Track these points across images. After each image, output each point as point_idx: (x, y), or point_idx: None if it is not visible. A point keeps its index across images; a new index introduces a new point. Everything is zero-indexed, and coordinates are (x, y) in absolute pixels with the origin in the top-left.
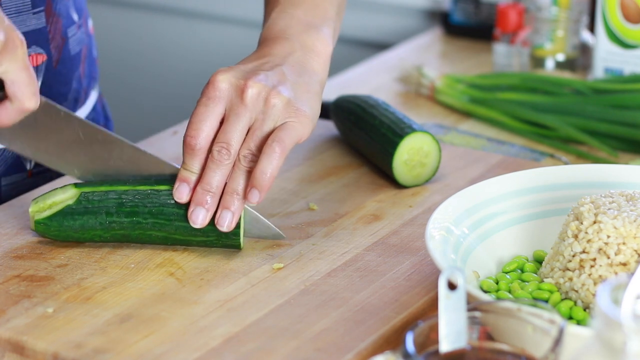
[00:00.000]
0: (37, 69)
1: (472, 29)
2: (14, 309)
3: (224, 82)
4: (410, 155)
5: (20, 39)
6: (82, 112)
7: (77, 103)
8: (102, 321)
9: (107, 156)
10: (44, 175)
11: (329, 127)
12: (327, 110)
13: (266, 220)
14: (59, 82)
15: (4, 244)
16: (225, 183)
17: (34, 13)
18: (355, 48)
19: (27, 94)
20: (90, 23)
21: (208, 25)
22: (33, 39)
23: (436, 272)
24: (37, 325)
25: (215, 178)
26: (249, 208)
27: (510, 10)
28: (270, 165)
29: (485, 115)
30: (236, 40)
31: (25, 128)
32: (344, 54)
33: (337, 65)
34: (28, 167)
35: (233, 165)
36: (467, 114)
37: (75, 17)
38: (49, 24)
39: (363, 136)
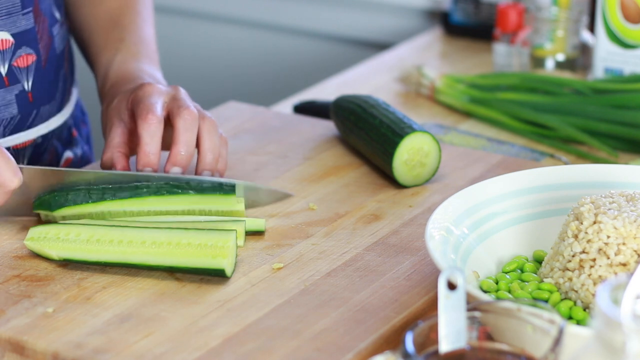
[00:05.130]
0: (27, 69)
1: (472, 29)
2: (14, 309)
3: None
4: (410, 155)
5: None
6: (68, 110)
7: (63, 102)
8: (102, 321)
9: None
10: None
11: (329, 127)
12: (327, 110)
13: (265, 186)
14: (47, 81)
15: (4, 244)
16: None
17: (24, 14)
18: (355, 48)
19: (7, 178)
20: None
21: (196, 22)
22: (23, 40)
23: (436, 272)
24: (37, 325)
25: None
26: (249, 183)
27: (510, 10)
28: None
29: (485, 115)
30: (222, 37)
31: (21, 196)
32: (344, 54)
33: (337, 65)
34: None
35: None
36: (467, 114)
37: (57, 15)
38: (37, 23)
39: (363, 136)
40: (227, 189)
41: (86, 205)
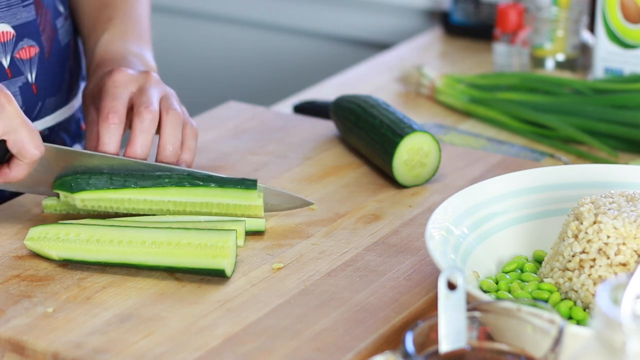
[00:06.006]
0: (30, 61)
1: (472, 29)
2: (14, 309)
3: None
4: (410, 155)
5: (5, 96)
6: (76, 103)
7: (70, 94)
8: (102, 321)
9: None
10: None
11: (329, 127)
12: (327, 110)
13: (288, 192)
14: (52, 73)
15: (4, 244)
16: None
17: (24, 6)
18: (355, 48)
19: (31, 148)
20: None
21: (196, 22)
22: (25, 31)
23: (436, 272)
24: (37, 325)
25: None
26: (269, 186)
27: (510, 10)
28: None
29: (485, 115)
30: (222, 37)
31: (43, 173)
32: (344, 54)
33: (337, 65)
34: None
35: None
36: (467, 114)
37: (61, 8)
38: (39, 15)
39: (363, 136)
40: (249, 184)
41: (107, 190)
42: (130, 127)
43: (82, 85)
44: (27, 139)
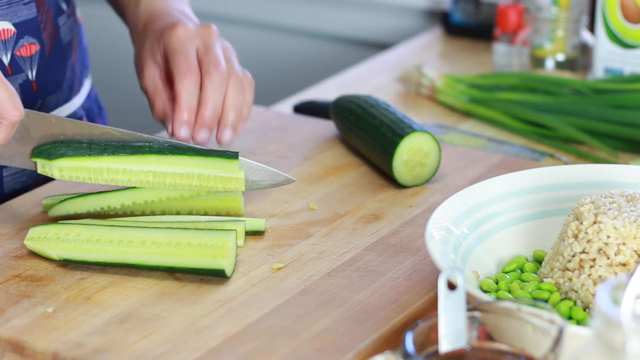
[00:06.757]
0: (31, 58)
1: (472, 29)
2: (14, 309)
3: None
4: (410, 155)
5: None
6: (78, 100)
7: (71, 91)
8: (102, 321)
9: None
10: None
11: (329, 127)
12: (327, 110)
13: (270, 168)
14: (53, 70)
15: (4, 244)
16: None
17: (25, 4)
18: (355, 48)
19: (10, 109)
20: (78, 12)
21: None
22: (25, 29)
23: (436, 272)
24: (37, 325)
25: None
26: (252, 161)
27: (510, 10)
28: None
29: (485, 115)
30: (228, 37)
31: (21, 143)
32: (344, 54)
33: (337, 65)
34: None
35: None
36: (467, 114)
37: (64, 6)
38: (40, 13)
39: (363, 136)
40: (230, 154)
41: (86, 158)
42: (201, 87)
43: (85, 82)
44: (6, 100)
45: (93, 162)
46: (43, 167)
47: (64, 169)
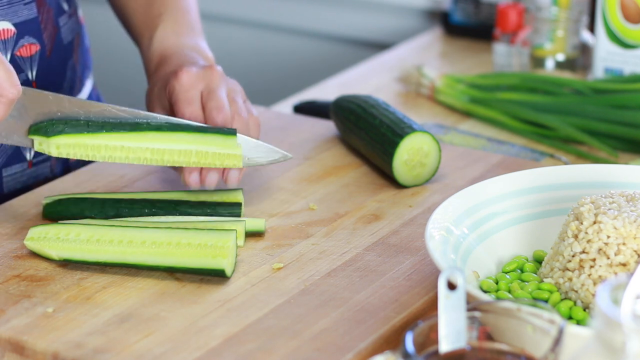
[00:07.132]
0: (31, 58)
1: (472, 29)
2: (14, 309)
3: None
4: (410, 155)
5: None
6: None
7: (72, 91)
8: (102, 321)
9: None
10: (44, 164)
11: (329, 127)
12: (327, 110)
13: (268, 145)
14: (53, 71)
15: (4, 244)
16: None
17: (25, 4)
18: (355, 48)
19: (8, 86)
20: (80, 13)
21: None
22: (26, 29)
23: (436, 272)
24: (37, 325)
25: None
26: (249, 138)
27: (510, 10)
28: None
29: (485, 115)
30: (222, 37)
31: (18, 120)
32: (344, 54)
33: (337, 65)
34: (28, 157)
35: None
36: (467, 114)
37: (65, 6)
38: (40, 13)
39: (363, 136)
40: (228, 131)
41: (84, 135)
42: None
43: (87, 82)
44: (3, 78)
45: (91, 139)
46: (40, 144)
47: (61, 146)
